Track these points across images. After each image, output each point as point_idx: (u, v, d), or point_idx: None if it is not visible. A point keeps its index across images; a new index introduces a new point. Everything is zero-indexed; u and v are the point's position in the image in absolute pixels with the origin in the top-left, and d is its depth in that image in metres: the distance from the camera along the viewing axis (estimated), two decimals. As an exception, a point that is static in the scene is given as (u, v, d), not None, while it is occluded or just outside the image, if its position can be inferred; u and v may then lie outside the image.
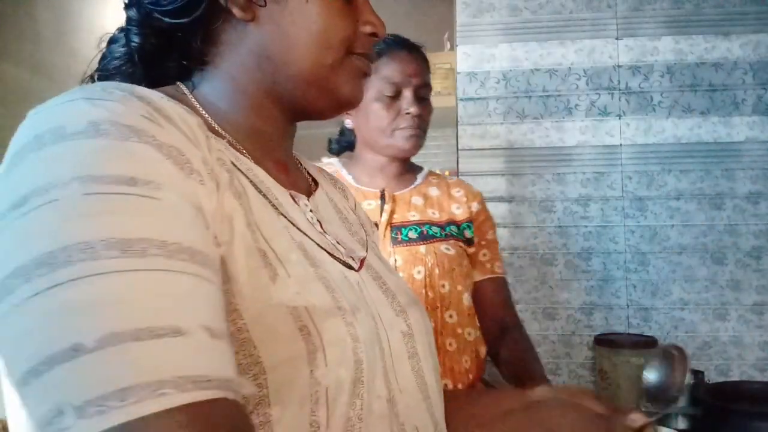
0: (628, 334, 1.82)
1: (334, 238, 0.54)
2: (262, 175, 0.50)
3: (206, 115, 0.50)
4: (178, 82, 0.53)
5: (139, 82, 0.51)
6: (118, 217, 0.33)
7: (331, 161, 1.28)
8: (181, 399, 0.29)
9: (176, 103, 0.42)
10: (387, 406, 0.47)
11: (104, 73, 0.55)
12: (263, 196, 0.47)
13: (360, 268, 0.54)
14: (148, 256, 0.32)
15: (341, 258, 0.52)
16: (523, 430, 0.55)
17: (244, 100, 0.53)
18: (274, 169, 0.53)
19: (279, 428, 0.39)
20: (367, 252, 0.58)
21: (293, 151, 0.61)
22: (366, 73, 0.56)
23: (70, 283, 0.30)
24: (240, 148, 0.50)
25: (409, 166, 1.26)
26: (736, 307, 1.83)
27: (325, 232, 0.53)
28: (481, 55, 1.93)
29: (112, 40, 0.56)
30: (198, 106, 0.51)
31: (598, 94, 1.89)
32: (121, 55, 0.54)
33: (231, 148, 0.49)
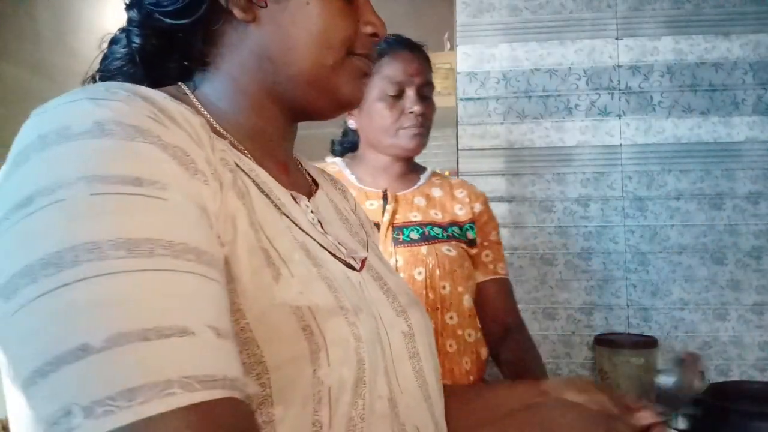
0: (628, 334, 1.82)
1: (335, 239, 0.54)
2: (264, 175, 0.50)
3: (208, 116, 0.50)
4: (179, 83, 0.53)
5: (141, 83, 0.51)
6: (124, 217, 0.33)
7: (335, 161, 1.27)
8: (189, 399, 0.29)
9: (179, 104, 0.42)
10: (388, 406, 0.47)
11: (106, 73, 0.55)
12: (266, 196, 0.47)
13: (361, 269, 0.54)
14: (155, 257, 0.32)
15: (343, 258, 0.52)
16: (524, 431, 0.55)
17: (244, 101, 0.53)
18: (275, 169, 0.53)
19: (282, 428, 0.39)
20: (367, 252, 0.58)
21: (293, 152, 0.61)
22: (367, 73, 0.56)
23: (77, 284, 0.30)
24: (241, 148, 0.50)
25: (413, 167, 1.26)
26: (736, 307, 1.83)
27: (326, 232, 0.53)
28: (481, 55, 1.93)
29: (114, 41, 0.56)
30: (200, 106, 0.51)
31: (598, 94, 1.89)
32: (123, 56, 0.54)
33: (233, 148, 0.49)
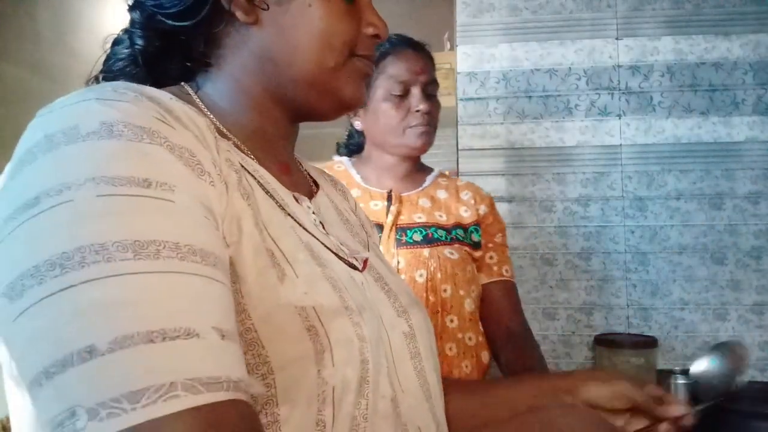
0: (628, 334, 1.82)
1: (337, 239, 0.54)
2: (267, 176, 0.50)
3: (212, 116, 0.50)
4: (182, 83, 0.53)
5: (143, 83, 0.51)
6: (132, 219, 0.33)
7: (341, 160, 1.27)
8: (193, 401, 0.29)
9: (184, 104, 0.43)
10: (391, 406, 0.47)
11: (108, 74, 0.55)
12: (270, 197, 0.48)
13: (363, 269, 0.54)
14: (162, 258, 0.32)
15: (346, 258, 0.52)
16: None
17: (246, 102, 0.53)
18: (277, 170, 0.53)
19: (287, 428, 0.39)
20: (368, 253, 0.59)
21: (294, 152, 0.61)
22: (368, 74, 0.56)
23: (83, 285, 0.30)
24: (244, 149, 0.50)
25: (419, 167, 1.25)
26: (736, 307, 1.83)
27: (328, 233, 0.54)
28: (481, 55, 1.93)
29: (117, 42, 0.56)
30: (203, 106, 0.51)
31: (598, 94, 1.89)
32: (125, 57, 0.54)
33: (236, 149, 0.49)
